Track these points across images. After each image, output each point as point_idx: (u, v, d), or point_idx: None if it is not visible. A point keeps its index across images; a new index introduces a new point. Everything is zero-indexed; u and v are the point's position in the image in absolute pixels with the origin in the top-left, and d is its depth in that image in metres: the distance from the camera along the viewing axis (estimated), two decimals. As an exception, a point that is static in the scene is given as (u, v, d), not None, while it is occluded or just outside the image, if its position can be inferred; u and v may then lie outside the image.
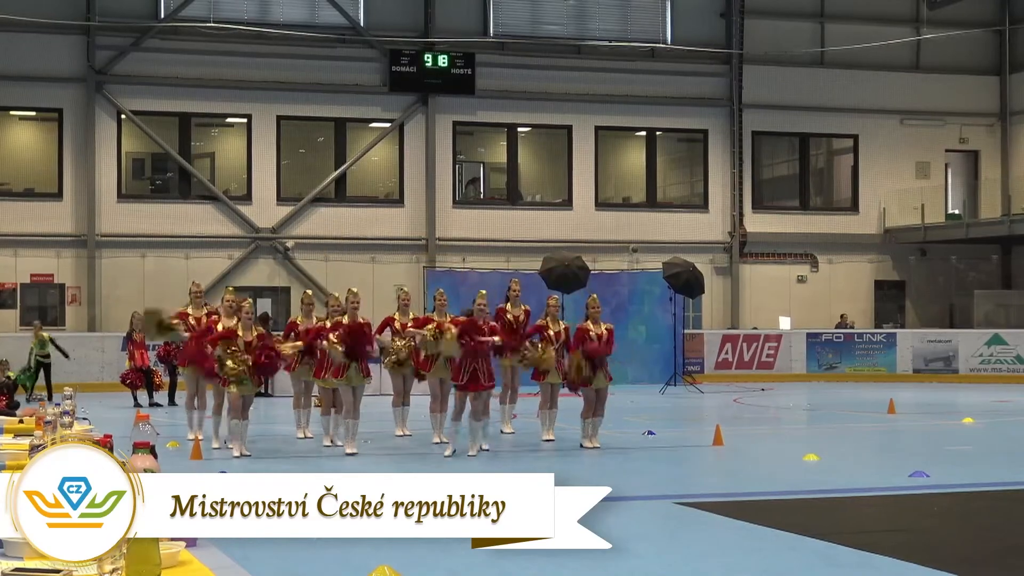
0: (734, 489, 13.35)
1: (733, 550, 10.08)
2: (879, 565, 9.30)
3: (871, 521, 11.75)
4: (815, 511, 12.25)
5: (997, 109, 40.53)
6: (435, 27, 35.84)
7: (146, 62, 34.31)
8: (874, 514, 12.15)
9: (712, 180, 38.34)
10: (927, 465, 14.19)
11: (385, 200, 36.43)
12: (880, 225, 39.26)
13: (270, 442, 18.32)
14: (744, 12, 38.05)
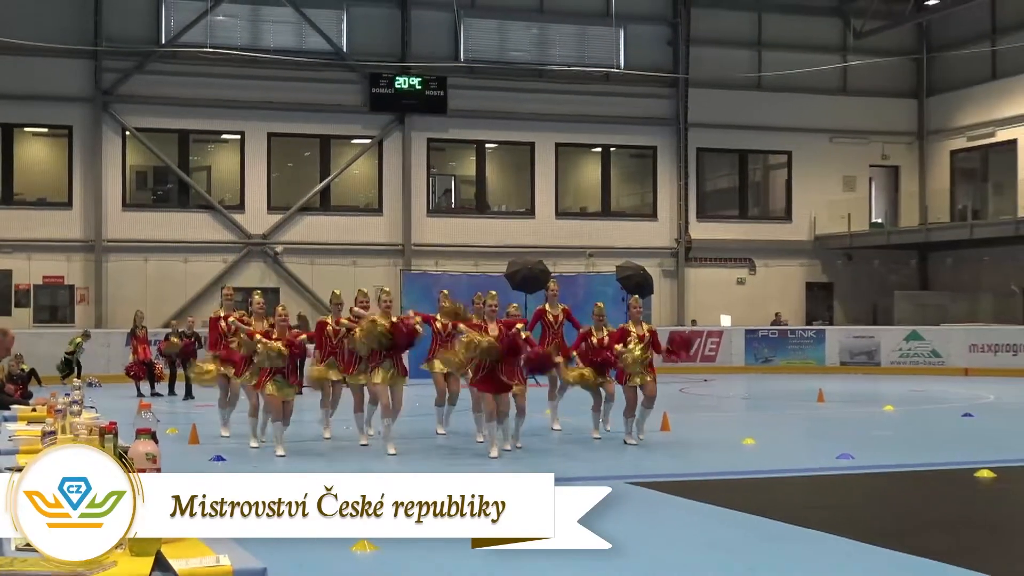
0: (680, 470, 13.34)
1: (678, 525, 10.07)
2: (810, 538, 9.31)
3: (803, 498, 11.77)
4: (753, 490, 12.25)
5: (915, 129, 40.73)
6: (411, 53, 35.82)
7: (148, 84, 34.18)
8: (805, 492, 12.17)
9: (660, 192, 38.42)
10: (852, 448, 14.21)
11: (365, 209, 36.36)
12: (811, 232, 39.40)
13: (303, 442, 15.95)
14: (689, 41, 38.15)
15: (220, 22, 34.72)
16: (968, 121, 39.04)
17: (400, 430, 15.22)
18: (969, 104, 38.98)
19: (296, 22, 35.29)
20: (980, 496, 11.86)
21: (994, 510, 11.27)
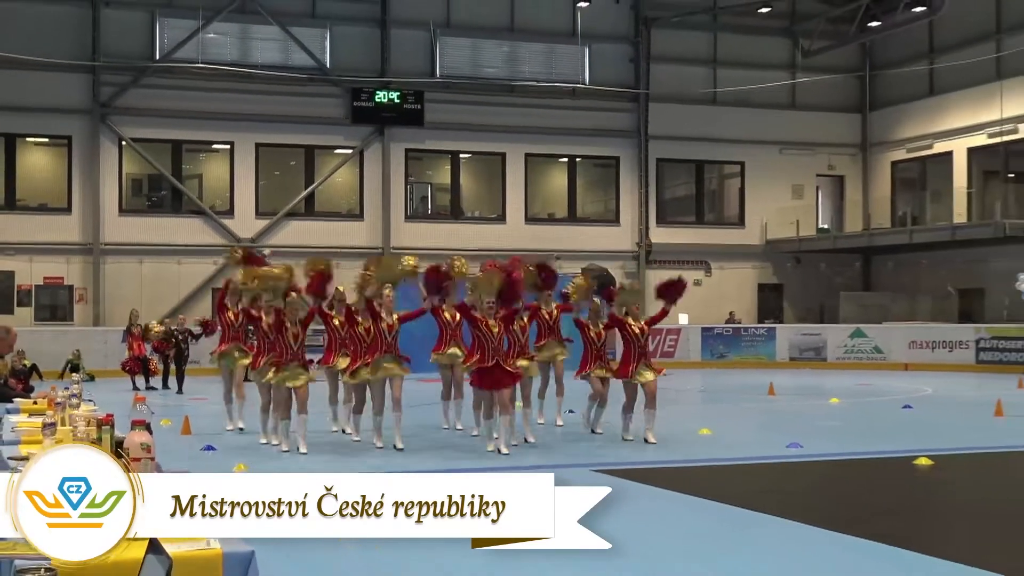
0: (641, 459, 13.39)
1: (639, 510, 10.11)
2: (763, 522, 9.37)
3: (756, 484, 11.84)
4: (710, 477, 12.32)
5: (859, 141, 40.96)
6: (390, 68, 35.82)
7: (144, 97, 34.06)
8: (758, 479, 12.24)
9: (623, 199, 38.51)
10: (801, 438, 14.30)
11: (347, 215, 36.33)
12: (762, 237, 39.56)
13: (318, 437, 14.83)
14: (649, 59, 38.27)
15: (211, 39, 34.62)
16: (908, 134, 39.28)
17: (387, 425, 14.29)
18: (908, 118, 39.22)
19: (282, 40, 35.24)
20: (919, 482, 11.96)
21: (932, 495, 11.38)
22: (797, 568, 7.84)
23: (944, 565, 7.68)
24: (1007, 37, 35.41)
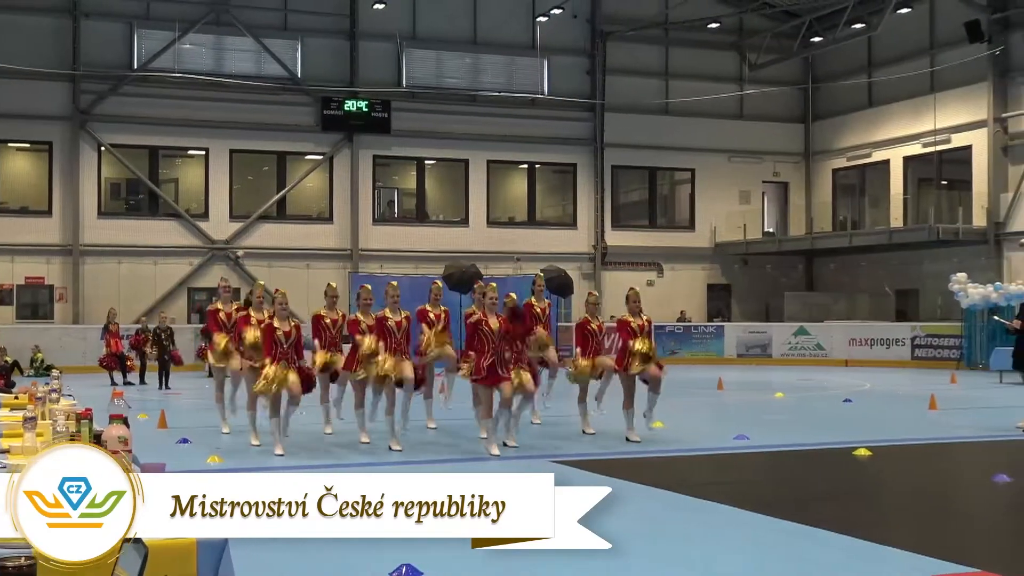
0: (597, 450, 13.37)
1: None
2: (712, 509, 9.38)
3: (706, 475, 11.85)
4: (663, 467, 12.31)
5: (802, 150, 41.19)
6: (359, 79, 35.70)
7: (122, 104, 33.80)
8: (708, 469, 12.26)
9: (580, 204, 38.56)
10: (748, 430, 14.34)
11: (317, 218, 36.18)
12: (712, 240, 39.71)
13: (303, 439, 13.91)
14: (605, 71, 38.34)
15: (187, 50, 34.40)
16: (848, 143, 39.53)
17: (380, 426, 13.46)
18: (849, 128, 39.48)
19: (255, 51, 35.06)
20: (858, 472, 12.01)
21: (870, 484, 11.42)
22: (744, 552, 7.84)
23: (883, 550, 7.70)
24: (940, 53, 35.71)
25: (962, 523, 9.26)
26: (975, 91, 34.51)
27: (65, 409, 7.12)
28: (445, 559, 6.40)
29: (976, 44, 33.31)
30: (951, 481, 11.82)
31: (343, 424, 14.52)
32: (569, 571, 6.05)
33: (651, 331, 14.54)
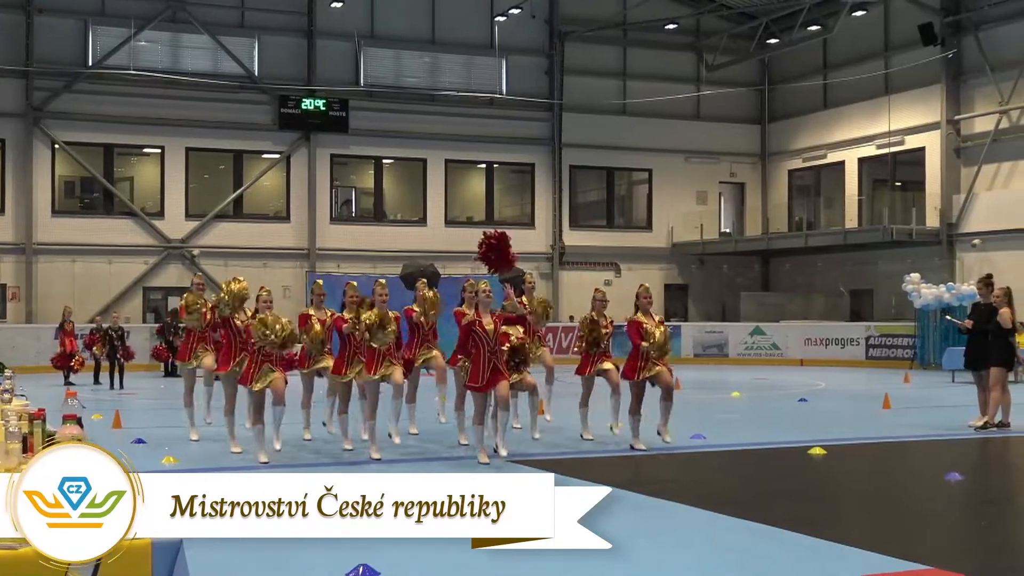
0: (556, 450, 13.36)
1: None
2: (668, 508, 9.40)
3: (663, 473, 11.87)
4: (618, 466, 12.33)
5: (759, 150, 41.45)
6: (316, 77, 35.56)
7: (76, 101, 33.48)
8: (665, 468, 12.28)
9: (538, 203, 38.60)
10: (705, 429, 14.39)
11: (275, 217, 35.99)
12: (669, 240, 39.87)
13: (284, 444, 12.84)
14: (563, 71, 38.40)
15: (142, 47, 34.13)
16: (803, 144, 39.81)
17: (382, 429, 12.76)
18: (804, 130, 39.77)
19: (212, 48, 34.83)
20: (813, 470, 12.08)
21: (825, 482, 11.49)
22: (700, 551, 7.87)
23: (838, 548, 7.75)
24: (894, 55, 36.05)
25: (915, 521, 9.34)
26: (928, 93, 34.86)
27: (18, 410, 7.01)
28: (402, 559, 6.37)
29: (929, 47, 33.66)
30: (904, 479, 11.92)
31: (323, 431, 13.76)
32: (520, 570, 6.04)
33: (667, 332, 13.58)
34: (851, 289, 37.72)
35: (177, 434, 14.66)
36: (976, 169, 33.71)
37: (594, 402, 14.19)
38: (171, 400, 21.78)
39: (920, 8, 34.28)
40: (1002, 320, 15.74)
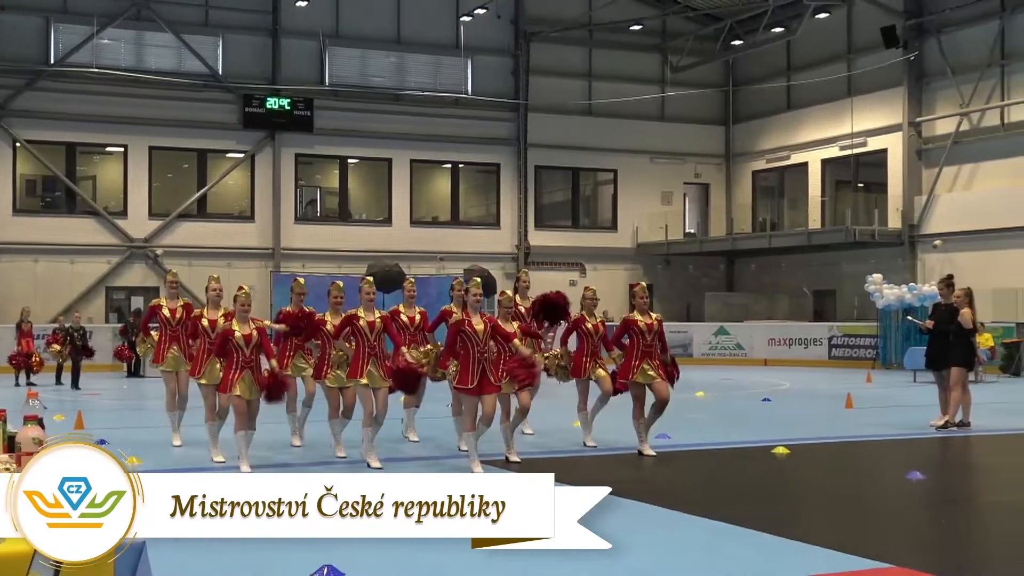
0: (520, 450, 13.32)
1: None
2: (633, 507, 9.41)
3: (627, 472, 11.88)
4: (585, 466, 12.33)
5: (723, 151, 41.63)
6: (281, 76, 35.40)
7: (39, 100, 33.19)
8: (629, 468, 12.30)
9: (503, 203, 38.61)
10: (669, 429, 14.40)
11: (239, 216, 35.80)
12: (634, 240, 39.98)
13: (264, 449, 12.53)
14: (529, 71, 38.42)
15: (106, 45, 33.86)
16: (767, 146, 40.03)
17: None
18: (768, 131, 39.98)
19: (176, 47, 34.61)
20: (777, 469, 12.14)
21: (789, 482, 11.55)
22: (664, 549, 7.89)
23: (802, 547, 7.79)
24: (857, 58, 36.30)
25: (878, 520, 9.40)
26: (891, 96, 35.13)
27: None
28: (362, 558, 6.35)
29: (892, 49, 33.93)
30: (867, 479, 11.99)
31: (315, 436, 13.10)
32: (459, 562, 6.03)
33: (662, 332, 13.13)
34: (814, 289, 37.96)
35: (140, 436, 14.56)
36: (937, 171, 34.00)
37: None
38: (134, 401, 21.74)
39: (883, 11, 34.54)
40: (963, 320, 15.88)
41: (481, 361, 11.10)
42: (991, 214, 32.03)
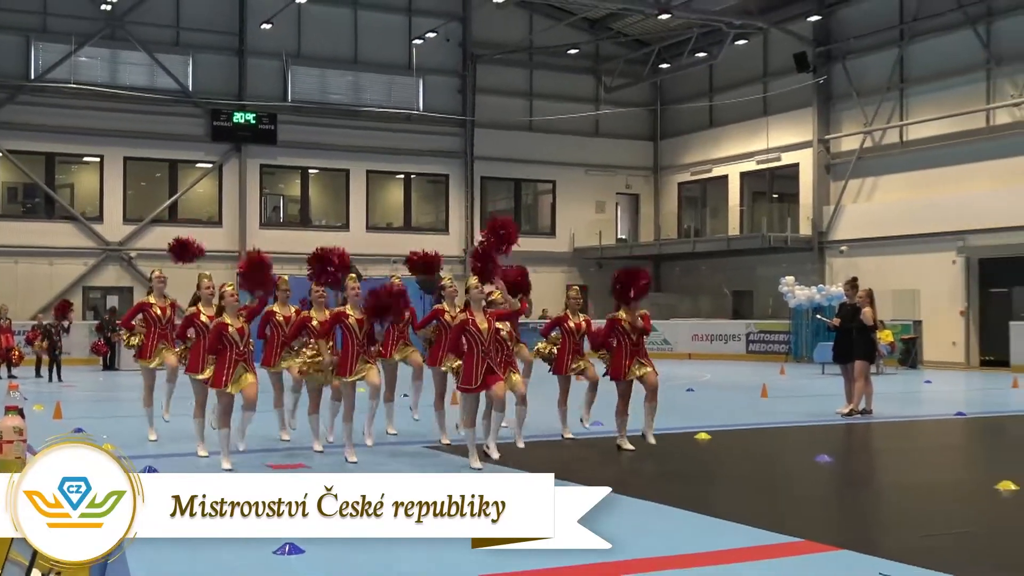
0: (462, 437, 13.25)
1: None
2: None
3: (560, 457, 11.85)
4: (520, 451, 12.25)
5: (651, 165, 41.84)
6: (247, 93, 35.09)
7: (20, 112, 32.62)
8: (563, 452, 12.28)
9: (451, 211, 38.53)
10: (602, 416, 14.40)
11: (208, 222, 35.41)
12: (571, 245, 40.07)
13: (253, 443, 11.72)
14: (475, 90, 38.38)
15: (83, 62, 33.37)
16: (691, 160, 40.28)
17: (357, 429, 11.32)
18: (692, 147, 40.24)
19: (148, 64, 34.18)
20: (699, 453, 12.20)
21: (709, 464, 11.62)
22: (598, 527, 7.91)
23: (721, 523, 7.85)
24: (771, 81, 36.65)
25: (789, 498, 9.49)
26: (802, 115, 35.50)
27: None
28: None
29: (803, 74, 34.30)
30: (780, 461, 12.10)
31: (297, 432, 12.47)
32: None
33: (590, 330, 12.76)
34: (733, 290, 38.25)
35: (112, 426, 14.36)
36: (843, 184, 34.40)
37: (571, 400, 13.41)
38: (109, 392, 21.45)
39: (795, 39, 34.90)
40: (864, 318, 16.09)
41: (485, 360, 10.23)
42: (891, 223, 32.46)
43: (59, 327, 24.80)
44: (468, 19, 38.14)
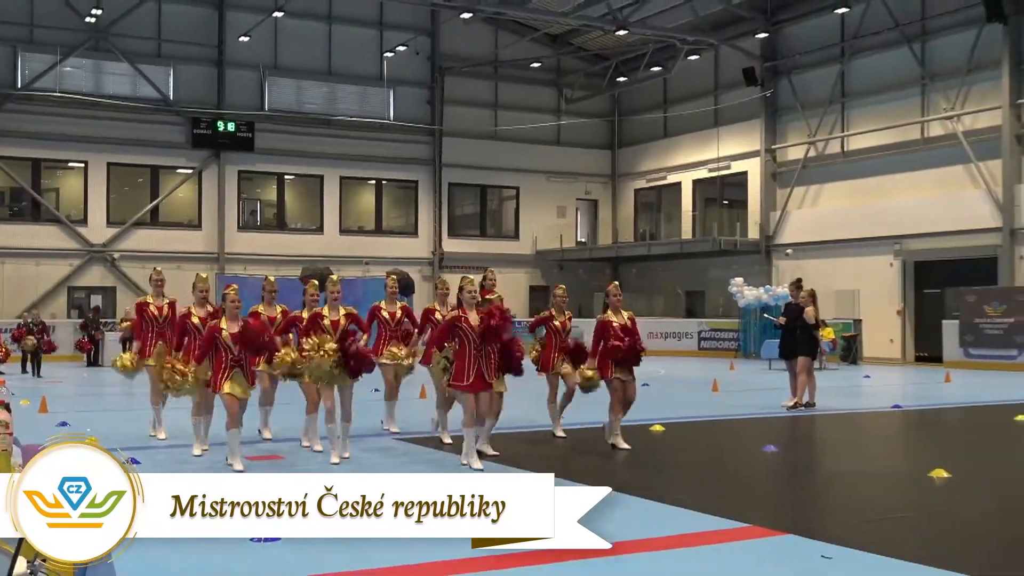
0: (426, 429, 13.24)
1: (421, 470, 9.99)
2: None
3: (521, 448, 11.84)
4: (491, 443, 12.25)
5: (610, 172, 41.97)
6: (225, 102, 34.85)
7: (7, 120, 32.22)
8: (523, 443, 12.30)
9: (421, 215, 38.46)
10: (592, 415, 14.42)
11: (188, 225, 35.15)
12: (533, 248, 40.10)
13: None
14: (444, 101, 38.33)
15: (68, 72, 33.01)
16: (647, 168, 40.42)
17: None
18: (648, 155, 40.38)
19: (131, 74, 33.87)
20: (653, 444, 12.26)
21: (662, 454, 11.67)
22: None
23: (674, 510, 7.88)
24: (722, 93, 36.86)
25: (737, 486, 9.55)
26: (750, 126, 35.73)
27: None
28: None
29: (751, 87, 34.52)
30: (729, 451, 12.17)
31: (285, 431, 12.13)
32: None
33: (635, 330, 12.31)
34: (686, 290, 38.43)
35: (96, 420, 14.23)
36: (789, 191, 34.66)
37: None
38: (93, 387, 21.23)
39: (744, 55, 35.12)
40: (807, 317, 16.24)
41: (477, 359, 9.80)
42: (833, 227, 32.74)
43: (43, 325, 24.52)
44: (437, 34, 38.09)
